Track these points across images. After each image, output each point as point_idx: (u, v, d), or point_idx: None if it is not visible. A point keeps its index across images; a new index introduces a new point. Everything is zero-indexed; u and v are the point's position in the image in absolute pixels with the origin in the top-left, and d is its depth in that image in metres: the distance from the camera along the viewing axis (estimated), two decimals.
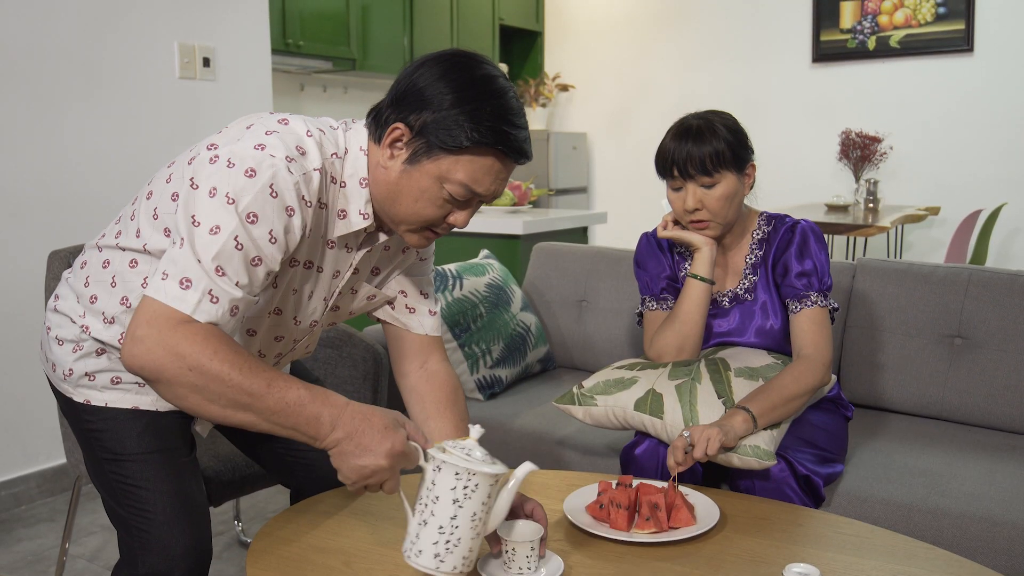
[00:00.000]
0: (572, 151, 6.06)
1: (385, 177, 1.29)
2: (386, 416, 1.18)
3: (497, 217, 3.30)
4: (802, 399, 1.69)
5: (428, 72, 1.26)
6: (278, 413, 1.15)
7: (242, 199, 1.17)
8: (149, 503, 1.40)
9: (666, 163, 1.78)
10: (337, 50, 4.66)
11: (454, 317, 2.34)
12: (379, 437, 1.15)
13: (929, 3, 4.99)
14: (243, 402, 1.14)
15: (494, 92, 1.25)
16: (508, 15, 6.00)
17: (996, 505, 1.64)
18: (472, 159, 1.25)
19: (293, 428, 1.17)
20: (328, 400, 1.17)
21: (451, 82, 1.24)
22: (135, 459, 1.42)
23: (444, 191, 1.27)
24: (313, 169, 1.24)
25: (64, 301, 1.46)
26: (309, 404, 1.16)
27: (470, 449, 1.13)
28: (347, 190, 1.31)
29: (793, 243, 1.81)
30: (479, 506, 1.11)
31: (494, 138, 1.24)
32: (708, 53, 5.76)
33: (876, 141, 4.79)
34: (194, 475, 1.48)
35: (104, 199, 2.94)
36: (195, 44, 3.19)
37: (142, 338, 1.14)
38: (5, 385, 2.76)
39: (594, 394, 1.79)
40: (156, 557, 1.39)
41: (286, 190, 1.20)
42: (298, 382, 1.17)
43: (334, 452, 1.17)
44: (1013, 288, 2.07)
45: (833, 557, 1.28)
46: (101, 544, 2.49)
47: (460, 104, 1.23)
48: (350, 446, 1.16)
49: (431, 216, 1.30)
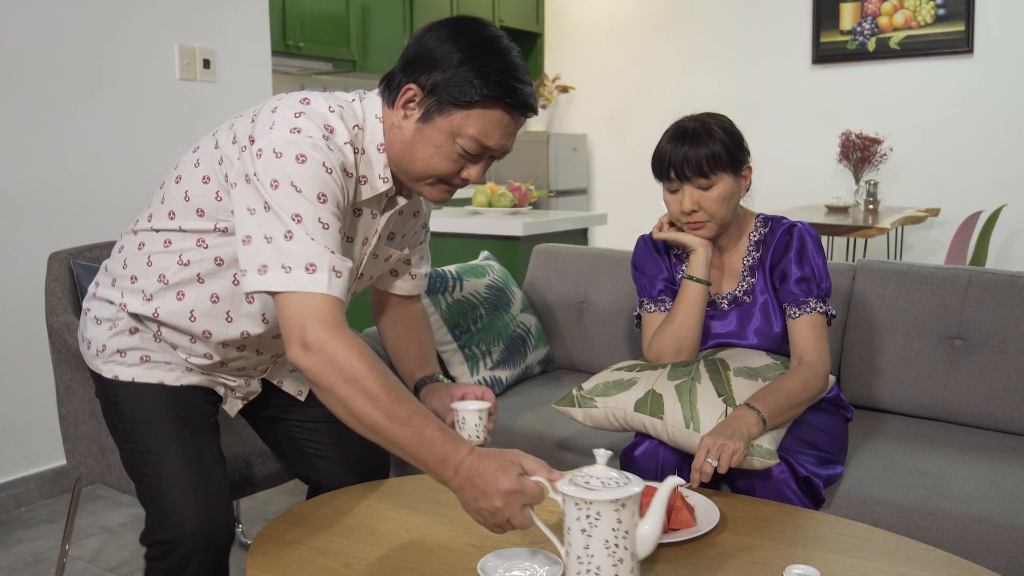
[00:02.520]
0: (572, 153, 6.06)
1: (400, 136, 1.36)
2: (501, 457, 1.20)
3: (497, 219, 3.31)
4: (805, 406, 1.72)
5: (436, 35, 1.34)
6: (411, 445, 1.20)
7: (306, 184, 1.25)
8: (161, 468, 1.44)
9: (663, 165, 1.79)
10: (337, 51, 4.66)
11: (454, 319, 2.34)
12: (491, 479, 1.17)
13: (929, 5, 5.00)
14: (383, 425, 1.20)
15: (500, 50, 1.33)
16: (508, 16, 6.01)
17: (996, 507, 1.64)
18: (482, 113, 1.31)
19: (422, 463, 1.21)
20: (456, 445, 1.20)
21: (458, 42, 1.32)
22: (150, 426, 1.47)
23: (457, 146, 1.34)
24: (344, 143, 1.32)
25: (103, 287, 1.55)
26: (440, 445, 1.19)
27: (598, 475, 1.13)
28: (367, 156, 1.39)
29: (792, 248, 1.82)
30: (609, 532, 1.11)
31: (502, 91, 1.31)
32: (708, 55, 5.76)
33: (876, 142, 4.79)
34: (210, 445, 1.52)
35: (104, 200, 2.94)
36: (195, 45, 3.19)
37: (308, 345, 1.21)
38: (5, 387, 2.76)
39: (594, 396, 1.79)
40: (168, 525, 1.41)
41: (335, 166, 1.29)
42: (435, 420, 1.22)
43: (458, 497, 1.21)
44: (1013, 289, 2.06)
45: (833, 559, 1.28)
46: (101, 546, 2.49)
47: (468, 62, 1.30)
48: (469, 491, 1.19)
49: (446, 170, 1.37)
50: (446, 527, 1.40)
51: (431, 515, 1.44)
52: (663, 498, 1.16)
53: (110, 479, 1.96)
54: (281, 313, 1.24)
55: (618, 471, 1.15)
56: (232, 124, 1.39)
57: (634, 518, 1.13)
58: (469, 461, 1.19)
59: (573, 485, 1.12)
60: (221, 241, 1.41)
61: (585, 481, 1.13)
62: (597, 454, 1.17)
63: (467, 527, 1.39)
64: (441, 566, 1.27)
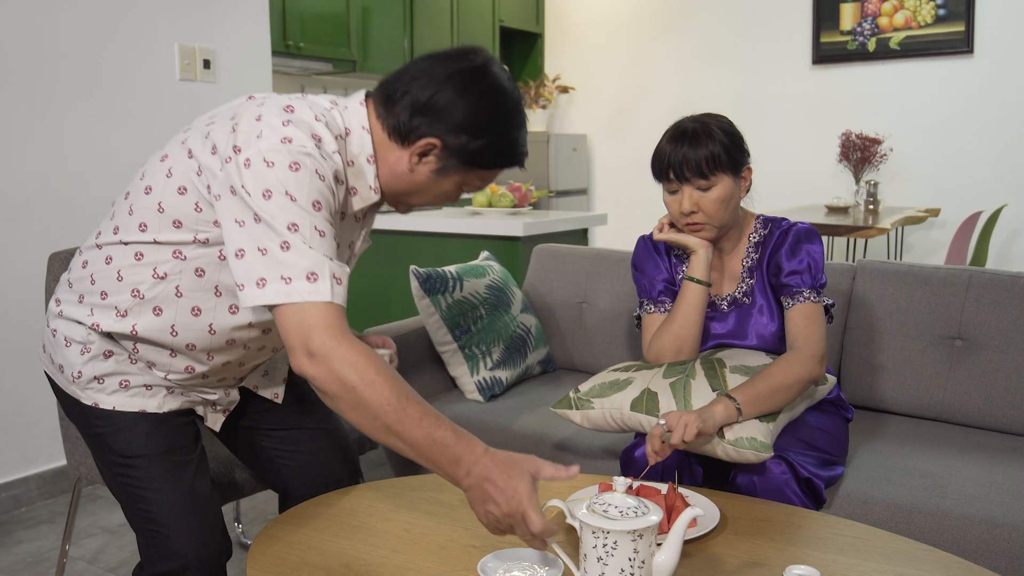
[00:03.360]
0: (572, 153, 6.06)
1: (409, 178, 1.41)
2: (517, 465, 1.19)
3: (497, 219, 3.30)
4: (791, 391, 1.67)
5: (454, 88, 1.35)
6: (424, 446, 1.20)
7: (301, 192, 1.25)
8: (157, 506, 1.44)
9: (662, 166, 1.79)
10: (337, 51, 4.66)
11: (454, 319, 2.34)
12: (502, 485, 1.16)
13: (929, 5, 5.00)
14: (394, 429, 1.20)
15: (521, 122, 1.43)
16: (508, 17, 6.01)
17: (997, 507, 1.64)
18: (490, 173, 1.44)
19: (435, 464, 1.21)
20: (470, 445, 1.20)
21: (482, 108, 1.36)
22: (142, 462, 1.45)
23: (460, 188, 1.45)
24: (332, 152, 1.33)
25: (68, 306, 1.48)
26: (453, 446, 1.19)
27: (616, 503, 1.13)
28: (357, 168, 1.40)
29: (785, 244, 1.82)
30: (626, 562, 1.11)
31: (516, 161, 1.44)
32: (708, 55, 5.76)
33: (876, 143, 4.79)
34: (201, 473, 1.51)
35: (104, 201, 2.94)
36: (195, 46, 3.19)
37: (313, 353, 1.21)
38: (5, 387, 2.76)
39: (590, 397, 1.79)
40: (168, 558, 1.43)
41: (327, 173, 1.29)
42: (447, 422, 1.22)
43: (468, 496, 1.21)
44: (1013, 290, 2.06)
45: (833, 559, 1.28)
46: (101, 546, 2.49)
47: (494, 133, 1.38)
48: (478, 493, 1.19)
49: (442, 202, 1.49)
50: (446, 527, 1.40)
51: (431, 515, 1.44)
52: (680, 530, 1.16)
53: None
54: (283, 323, 1.23)
55: (637, 499, 1.15)
56: (207, 133, 1.35)
57: (651, 547, 1.13)
58: (483, 462, 1.18)
59: (591, 512, 1.13)
60: (200, 252, 1.38)
61: (603, 509, 1.13)
62: (616, 482, 1.17)
63: (467, 527, 1.39)
64: (441, 566, 1.27)
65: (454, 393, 2.41)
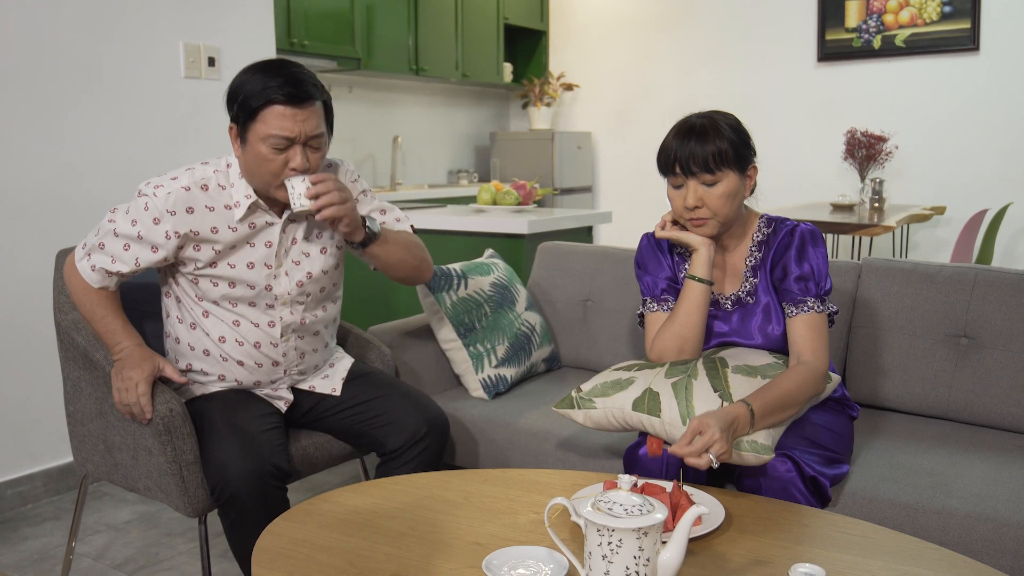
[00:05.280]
0: (577, 150, 6.06)
1: (243, 163, 1.79)
2: (147, 362, 1.80)
3: (502, 216, 3.30)
4: (800, 408, 1.72)
5: (235, 78, 1.77)
6: (101, 333, 1.89)
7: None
8: (206, 429, 1.81)
9: (668, 160, 1.78)
10: (342, 49, 4.66)
11: (459, 316, 2.34)
12: (131, 364, 1.79)
13: (935, 2, 4.98)
14: (96, 314, 1.88)
15: (261, 65, 1.75)
16: (513, 15, 6.00)
17: (1002, 505, 1.64)
18: (264, 113, 1.71)
19: (102, 335, 1.89)
20: (128, 337, 1.85)
21: (241, 75, 1.75)
22: (208, 399, 1.90)
23: (269, 147, 1.72)
24: (182, 188, 1.79)
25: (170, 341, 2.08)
26: (117, 333, 1.86)
27: (620, 501, 1.14)
28: (234, 188, 1.82)
29: (792, 246, 1.81)
30: (631, 560, 1.11)
31: (265, 93, 1.69)
32: (713, 52, 5.75)
33: (881, 140, 4.78)
34: (250, 411, 1.85)
35: (108, 199, 2.94)
36: (200, 44, 3.20)
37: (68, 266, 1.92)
38: (11, 385, 2.77)
39: (592, 397, 1.79)
40: (212, 471, 1.75)
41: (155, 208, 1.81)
42: (124, 322, 1.88)
43: (113, 368, 1.82)
44: (1019, 288, 2.06)
45: (839, 557, 1.28)
46: (107, 542, 2.50)
47: (244, 86, 1.73)
48: (118, 366, 1.81)
49: (275, 169, 1.75)
50: (451, 525, 1.40)
51: (436, 513, 1.45)
52: (685, 528, 1.16)
53: (116, 477, 1.97)
54: None
55: (641, 497, 1.16)
56: None
57: (656, 546, 1.13)
58: (129, 349, 1.82)
59: (596, 510, 1.13)
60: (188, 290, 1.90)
61: (608, 507, 1.13)
62: (621, 480, 1.18)
63: (472, 525, 1.39)
64: (446, 564, 1.27)
65: (459, 391, 2.42)
